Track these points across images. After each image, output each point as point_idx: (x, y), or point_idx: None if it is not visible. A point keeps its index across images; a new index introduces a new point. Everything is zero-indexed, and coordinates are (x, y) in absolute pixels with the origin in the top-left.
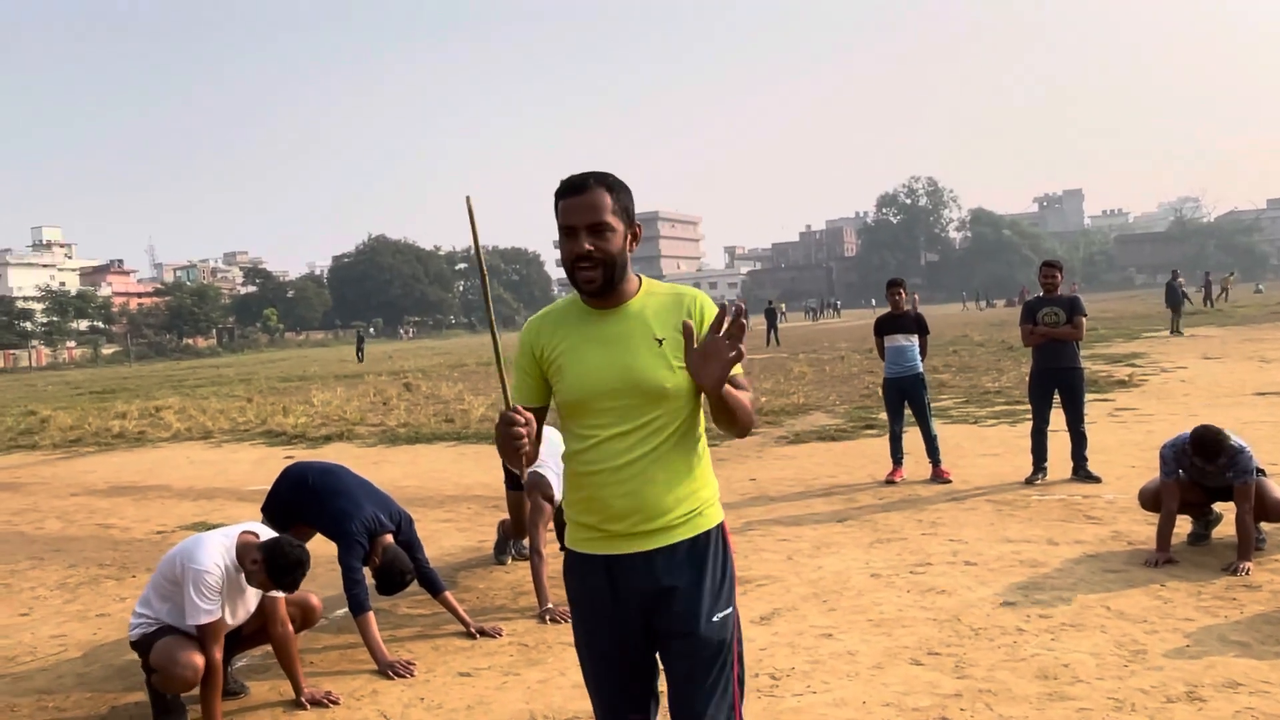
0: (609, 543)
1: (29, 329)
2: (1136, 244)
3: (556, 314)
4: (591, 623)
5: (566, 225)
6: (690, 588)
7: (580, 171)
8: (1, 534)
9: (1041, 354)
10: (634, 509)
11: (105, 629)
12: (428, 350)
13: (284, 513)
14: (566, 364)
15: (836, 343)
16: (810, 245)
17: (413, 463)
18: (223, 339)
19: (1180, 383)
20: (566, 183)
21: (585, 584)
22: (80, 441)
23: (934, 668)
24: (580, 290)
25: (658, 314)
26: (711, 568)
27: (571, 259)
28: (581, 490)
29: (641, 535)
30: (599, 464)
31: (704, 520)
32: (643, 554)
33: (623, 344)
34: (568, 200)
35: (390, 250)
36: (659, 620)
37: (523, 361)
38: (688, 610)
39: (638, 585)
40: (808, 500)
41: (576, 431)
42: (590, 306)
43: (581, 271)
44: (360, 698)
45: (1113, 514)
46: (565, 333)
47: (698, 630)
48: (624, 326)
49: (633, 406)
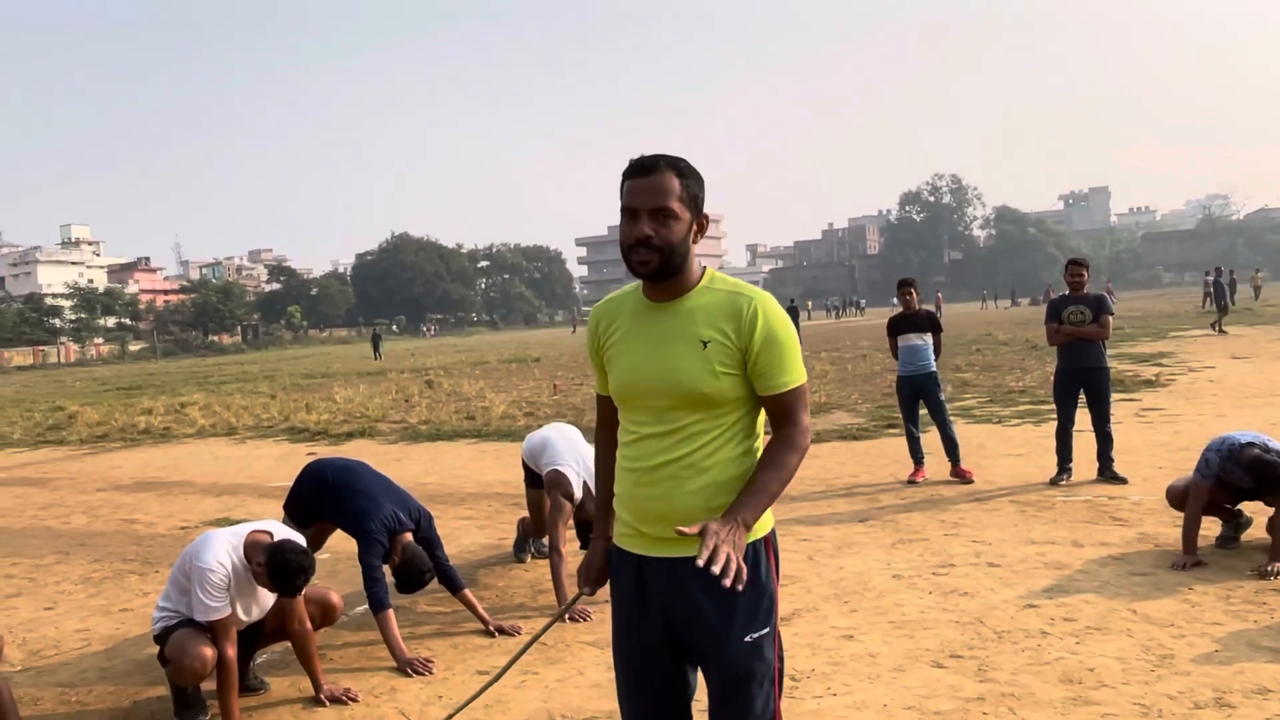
0: (642, 543)
1: (58, 325)
2: (1164, 242)
3: (616, 302)
4: (622, 622)
5: (629, 207)
6: (721, 605)
7: (647, 155)
8: (28, 529)
9: (1067, 353)
10: (664, 513)
11: (128, 624)
12: (450, 347)
13: (305, 510)
14: (615, 355)
15: (859, 341)
16: (833, 243)
17: (434, 460)
18: (247, 336)
19: (1208, 382)
20: (635, 163)
21: (619, 580)
22: (107, 437)
23: (956, 671)
24: (634, 274)
25: (709, 314)
26: (747, 586)
27: (630, 242)
28: (621, 485)
29: (671, 541)
30: (636, 462)
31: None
32: (668, 561)
33: (668, 342)
34: (634, 181)
35: (413, 248)
36: (687, 634)
37: (591, 351)
38: (717, 628)
39: (664, 593)
40: (829, 500)
41: (624, 425)
42: (648, 298)
43: (637, 255)
44: (379, 695)
45: (1139, 515)
46: (620, 323)
47: (727, 650)
48: (673, 324)
49: (670, 408)
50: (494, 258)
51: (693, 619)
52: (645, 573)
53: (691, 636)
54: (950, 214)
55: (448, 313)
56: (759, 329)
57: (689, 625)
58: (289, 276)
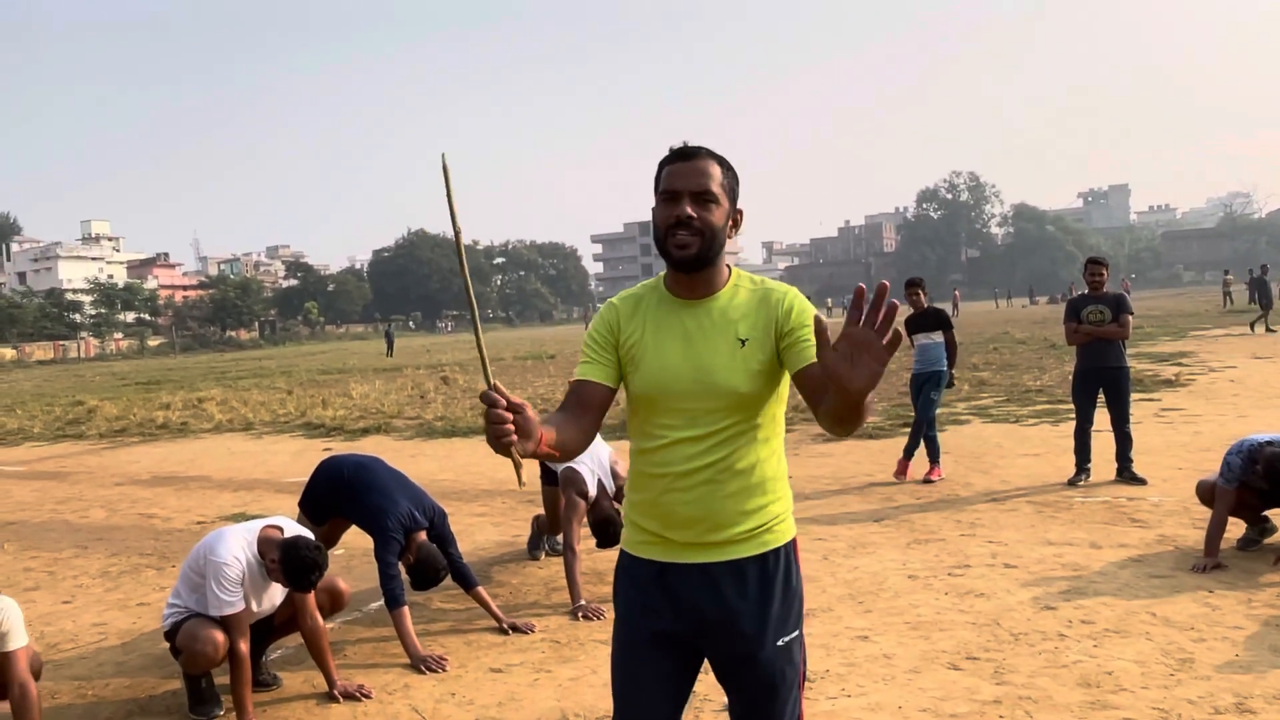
0: (667, 549)
1: (78, 320)
2: (1184, 240)
3: (638, 297)
4: (633, 631)
5: (669, 190)
6: (754, 610)
7: (687, 143)
8: (47, 522)
9: (1086, 353)
10: (699, 518)
11: (145, 618)
12: (465, 344)
13: (321, 507)
14: (643, 354)
15: None
16: (849, 241)
17: (448, 456)
18: (264, 331)
19: (1229, 382)
20: (676, 150)
21: (634, 589)
22: (126, 431)
23: (972, 673)
24: (670, 257)
25: (744, 312)
26: (780, 589)
27: (670, 223)
28: (646, 491)
29: (704, 547)
30: (666, 467)
31: (774, 537)
32: (701, 566)
33: (703, 341)
34: (676, 165)
35: (429, 244)
36: (716, 642)
37: (599, 337)
38: (750, 633)
39: (694, 600)
40: (844, 499)
41: (646, 429)
42: (675, 295)
43: (678, 236)
44: (393, 692)
45: (1159, 517)
46: (645, 320)
47: (759, 656)
48: (707, 322)
49: (707, 410)
50: (510, 254)
51: (728, 623)
52: (670, 580)
53: (725, 644)
54: (968, 212)
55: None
56: (793, 312)
57: (724, 629)
58: (306, 273)
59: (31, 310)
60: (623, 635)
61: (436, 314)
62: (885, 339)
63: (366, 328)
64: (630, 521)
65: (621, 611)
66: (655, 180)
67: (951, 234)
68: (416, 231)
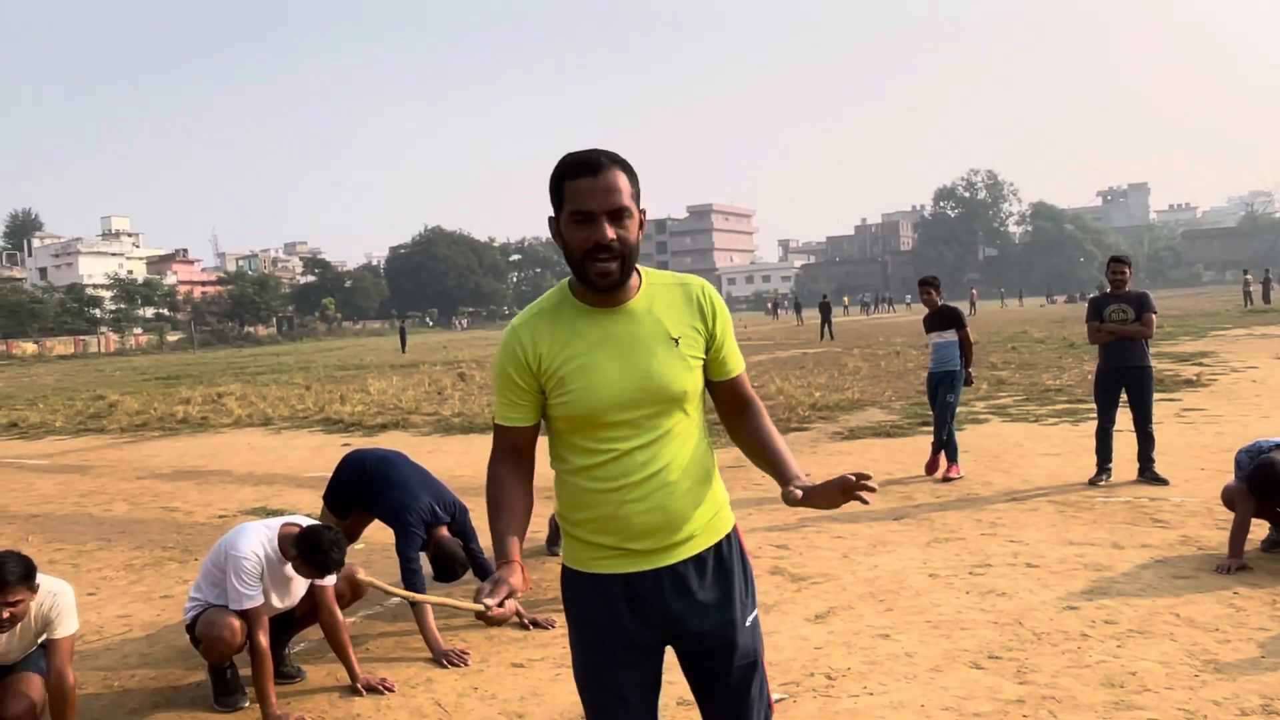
0: (629, 560)
1: (98, 315)
2: (1204, 240)
3: (549, 315)
4: (602, 650)
5: (581, 210)
6: (723, 597)
7: (585, 148)
8: (71, 515)
9: (1109, 352)
10: (659, 524)
11: (168, 610)
12: (482, 340)
13: (344, 501)
14: (572, 374)
15: (892, 338)
16: (865, 239)
17: (466, 452)
18: (282, 327)
19: (1251, 383)
20: (575, 161)
21: (598, 607)
22: (146, 426)
23: (995, 672)
24: (592, 284)
25: (668, 310)
26: (739, 570)
27: (589, 247)
28: (594, 509)
29: (667, 550)
30: (619, 479)
31: (722, 523)
32: (667, 569)
33: (638, 347)
34: (581, 181)
35: (445, 241)
36: (691, 639)
37: (515, 376)
38: (725, 620)
39: (663, 603)
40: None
41: (585, 446)
42: (588, 304)
43: (600, 263)
44: (415, 686)
45: (1181, 517)
46: (566, 338)
47: (736, 640)
48: (635, 327)
49: (653, 414)
50: (526, 251)
51: (702, 615)
52: (636, 590)
53: (698, 639)
54: (985, 210)
55: (480, 306)
56: (719, 317)
57: (698, 623)
58: (323, 269)
59: (52, 305)
60: (594, 654)
61: (453, 310)
62: (846, 500)
63: (383, 324)
64: (578, 540)
65: (588, 632)
66: (555, 191)
67: (969, 233)
68: (434, 228)
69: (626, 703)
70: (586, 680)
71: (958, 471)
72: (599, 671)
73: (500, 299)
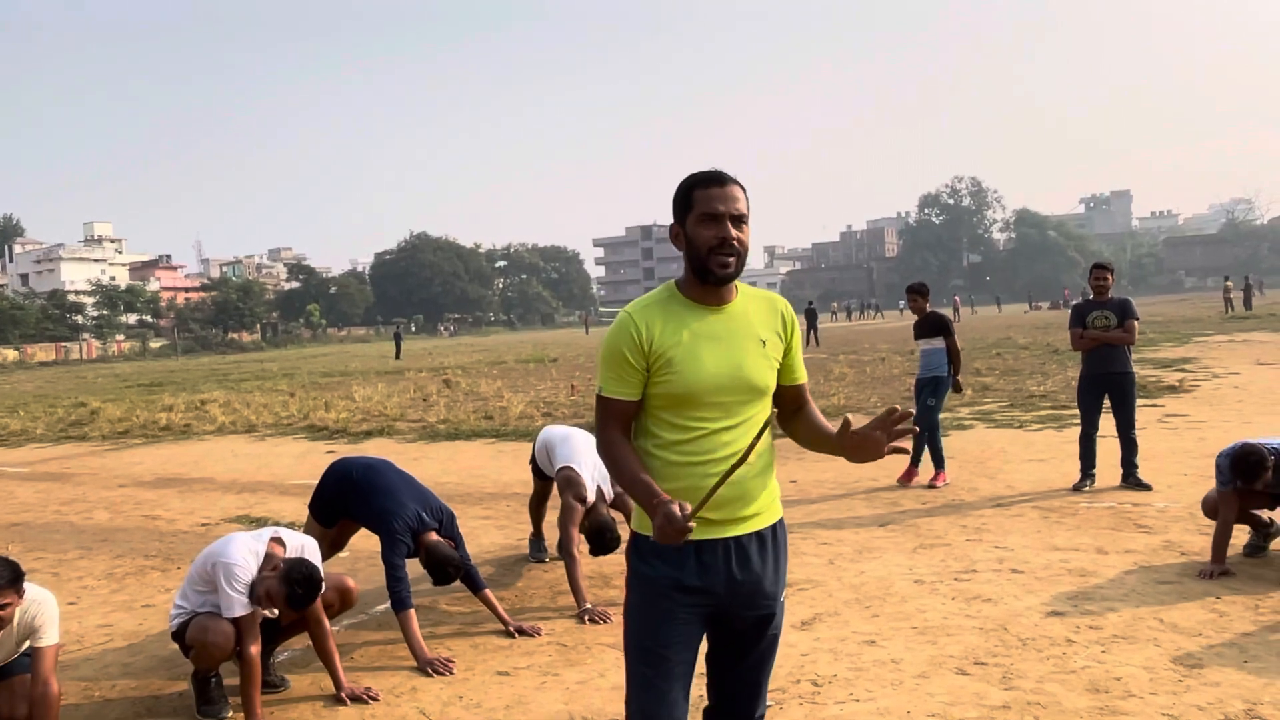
0: (703, 529)
1: (80, 322)
2: (1186, 246)
3: (659, 307)
4: (659, 608)
5: (711, 212)
6: (772, 572)
7: (713, 168)
8: (51, 524)
9: (1091, 358)
10: (736, 497)
11: (150, 619)
12: (467, 347)
13: (330, 509)
14: (679, 358)
15: (877, 344)
16: (851, 245)
17: (452, 459)
18: (267, 334)
19: (1233, 389)
20: (709, 174)
21: (664, 568)
22: (128, 433)
23: (980, 678)
24: (713, 275)
25: (760, 317)
26: (784, 552)
27: (716, 242)
28: (679, 480)
29: (737, 522)
30: (705, 455)
31: (778, 508)
32: (736, 539)
33: (734, 343)
34: (713, 189)
35: (431, 247)
36: (739, 604)
37: (628, 354)
38: (771, 592)
39: (727, 569)
40: (849, 503)
41: (677, 423)
42: (695, 301)
43: (722, 256)
44: (400, 694)
45: (1164, 523)
46: (675, 327)
47: (775, 611)
48: (732, 325)
49: (739, 402)
50: (512, 258)
51: (756, 584)
52: (704, 556)
53: (748, 604)
54: (970, 217)
55: (465, 312)
56: (795, 331)
57: (752, 591)
58: (308, 275)
59: (34, 312)
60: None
61: (438, 317)
62: (889, 446)
63: (368, 330)
64: None
65: (649, 589)
66: (684, 199)
67: (953, 239)
68: (419, 234)
69: (672, 654)
70: (639, 632)
71: (944, 479)
72: (655, 628)
73: (486, 305)
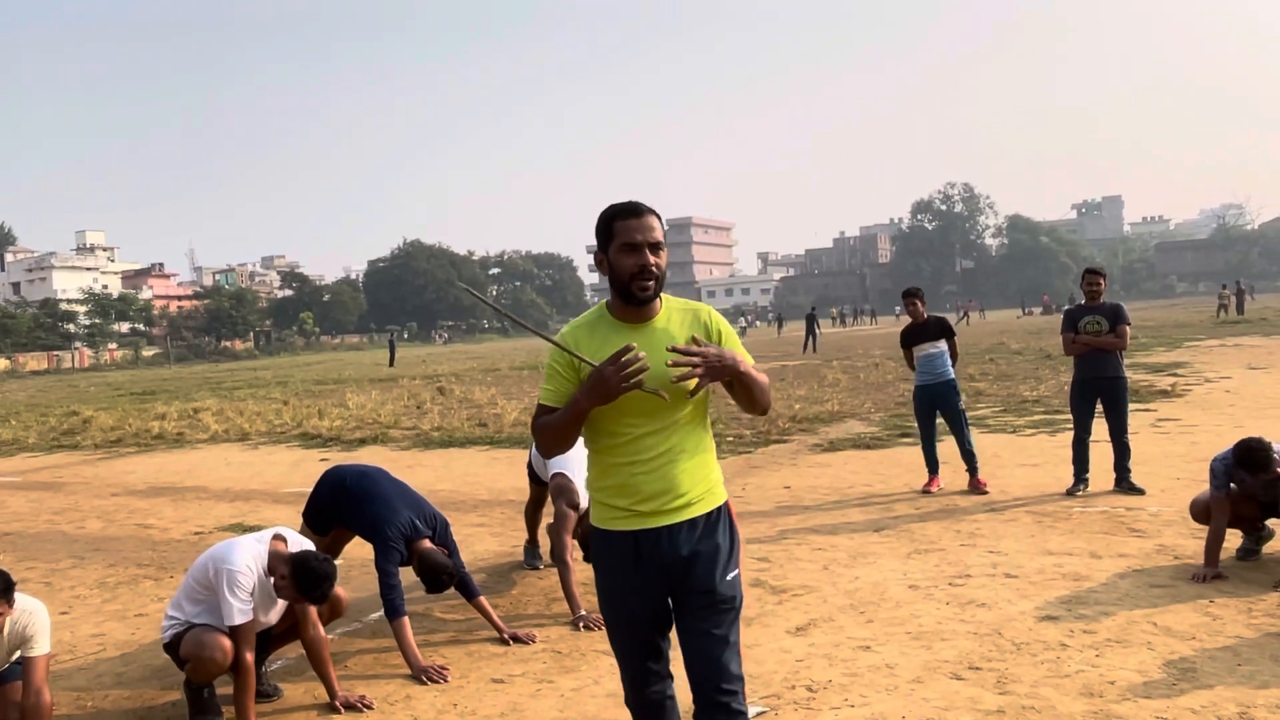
0: (638, 519)
1: (72, 331)
2: (1178, 251)
3: (587, 327)
4: (620, 592)
5: (630, 242)
6: (709, 553)
7: (630, 200)
8: (44, 533)
9: (1083, 363)
10: (663, 491)
11: (143, 629)
12: (461, 354)
13: (324, 517)
14: None
15: (871, 350)
16: (844, 251)
17: (446, 467)
18: (260, 342)
19: (1225, 393)
20: (627, 206)
21: (614, 556)
22: (121, 442)
23: (975, 683)
24: (634, 299)
25: (682, 328)
26: (723, 536)
27: (636, 269)
28: (614, 478)
29: (667, 512)
30: (634, 457)
31: (714, 497)
32: (667, 528)
33: (653, 355)
34: (630, 220)
35: (425, 255)
36: (682, 583)
37: (561, 369)
38: (707, 572)
39: (663, 554)
40: (843, 509)
41: (612, 429)
42: (621, 320)
43: (643, 281)
44: (394, 702)
45: (1157, 527)
46: (600, 345)
47: (715, 587)
48: (654, 339)
49: (663, 407)
50: (505, 265)
51: (691, 564)
52: (642, 544)
53: (689, 582)
54: (962, 223)
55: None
56: (723, 334)
57: (687, 571)
58: (301, 283)
59: (26, 320)
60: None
61: (432, 324)
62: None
63: (362, 338)
64: (601, 504)
65: (606, 570)
66: (605, 229)
67: (946, 245)
68: (412, 242)
69: (638, 622)
70: (607, 608)
71: (938, 485)
72: (616, 601)
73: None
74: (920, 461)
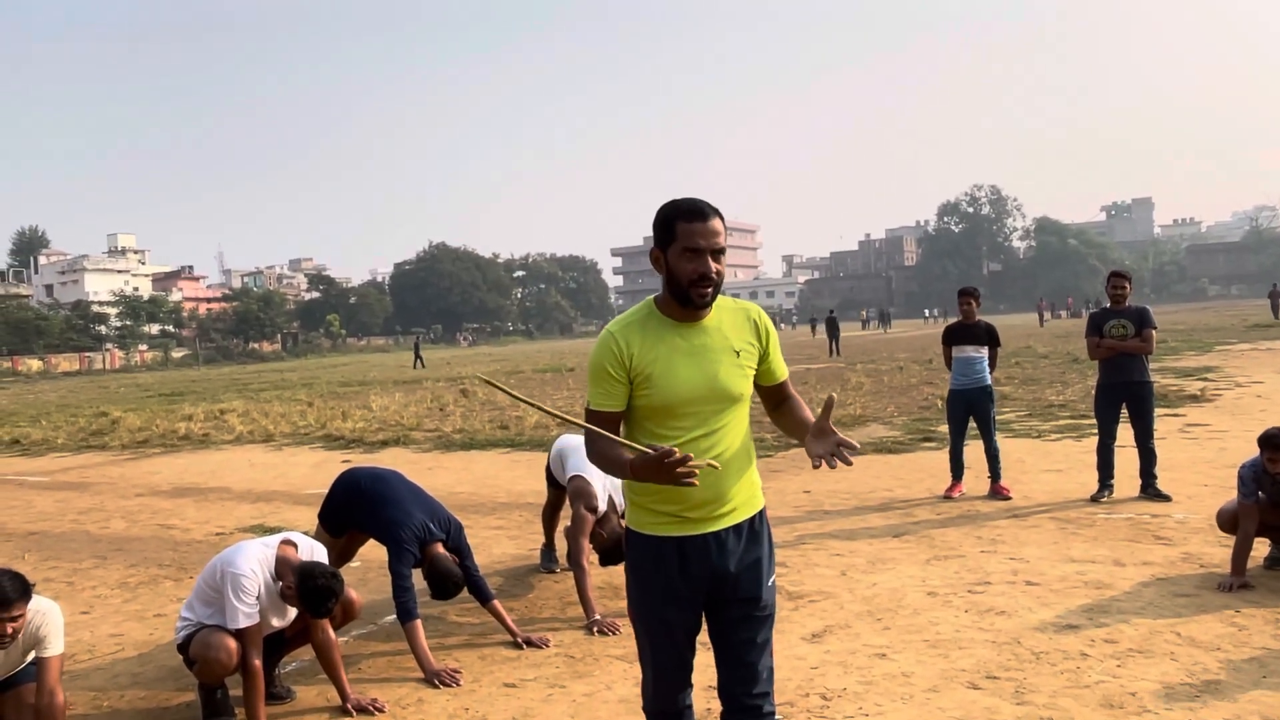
0: (684, 526)
1: (104, 332)
2: (1209, 254)
3: (638, 325)
4: (659, 600)
5: (693, 247)
6: (754, 559)
7: (694, 199)
8: (68, 533)
9: (1109, 367)
10: (711, 498)
11: (161, 629)
12: (485, 357)
13: (339, 519)
14: (657, 373)
15: (895, 353)
16: (869, 254)
17: (466, 469)
18: (287, 344)
19: (1256, 398)
20: (692, 207)
21: (658, 563)
22: (148, 443)
23: (993, 693)
24: (693, 304)
25: (733, 328)
26: (766, 540)
27: (697, 276)
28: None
29: (714, 519)
30: None
31: (757, 501)
32: (715, 534)
33: (708, 356)
34: (696, 224)
35: (450, 257)
36: (726, 590)
37: (614, 370)
38: (754, 578)
39: (708, 561)
40: (863, 514)
41: (657, 432)
42: (672, 319)
43: (702, 288)
44: (406, 706)
45: (1183, 535)
46: (653, 344)
47: (760, 595)
48: (707, 340)
49: (714, 411)
50: (530, 267)
51: (739, 573)
52: (687, 550)
53: (733, 589)
54: (989, 225)
55: (484, 322)
56: (770, 334)
57: (735, 579)
58: (328, 285)
59: (58, 322)
60: (649, 595)
61: (457, 327)
62: (826, 455)
63: (388, 340)
64: (643, 508)
65: (644, 578)
66: (665, 228)
67: (972, 247)
68: (438, 245)
69: (674, 630)
70: (641, 615)
71: (960, 490)
72: (653, 608)
73: (504, 315)
74: (943, 466)
